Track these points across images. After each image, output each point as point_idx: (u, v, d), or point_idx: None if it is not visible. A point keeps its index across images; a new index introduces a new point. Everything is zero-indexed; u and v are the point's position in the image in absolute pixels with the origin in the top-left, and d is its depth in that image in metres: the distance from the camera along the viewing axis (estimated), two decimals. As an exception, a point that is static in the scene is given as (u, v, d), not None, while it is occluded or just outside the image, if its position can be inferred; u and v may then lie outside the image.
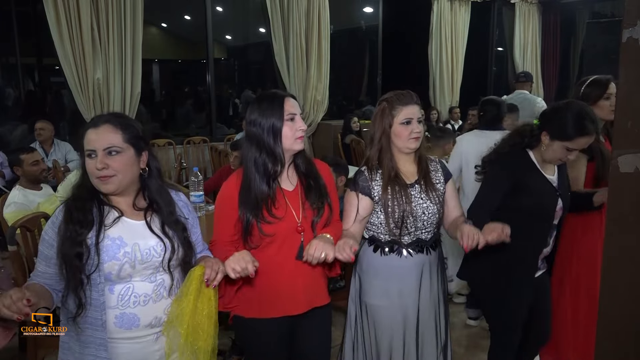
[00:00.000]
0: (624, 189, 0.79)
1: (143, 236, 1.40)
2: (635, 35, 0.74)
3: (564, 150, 1.82)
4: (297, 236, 1.60)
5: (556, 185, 1.90)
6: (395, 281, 1.75)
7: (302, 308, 1.64)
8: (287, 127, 1.55)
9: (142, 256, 1.37)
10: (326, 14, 5.70)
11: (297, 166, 1.65)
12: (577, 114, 1.79)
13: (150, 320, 1.40)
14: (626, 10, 0.75)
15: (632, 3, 0.75)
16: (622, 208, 0.80)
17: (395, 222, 1.70)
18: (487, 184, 1.93)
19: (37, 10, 5.02)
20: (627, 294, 0.82)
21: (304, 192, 1.63)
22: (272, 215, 1.56)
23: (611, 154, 0.79)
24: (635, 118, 0.76)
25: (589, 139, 1.79)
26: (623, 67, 0.76)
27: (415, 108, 1.71)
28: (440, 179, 1.79)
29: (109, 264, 1.33)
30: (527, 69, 7.75)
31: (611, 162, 0.79)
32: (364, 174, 1.75)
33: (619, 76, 0.78)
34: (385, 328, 1.76)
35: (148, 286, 1.40)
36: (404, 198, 1.69)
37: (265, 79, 8.39)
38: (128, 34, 4.51)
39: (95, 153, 1.33)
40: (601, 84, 2.20)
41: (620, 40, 0.76)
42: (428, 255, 1.77)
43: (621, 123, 0.78)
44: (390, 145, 1.73)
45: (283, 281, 1.60)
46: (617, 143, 0.79)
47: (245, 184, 1.57)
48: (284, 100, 1.56)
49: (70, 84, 4.30)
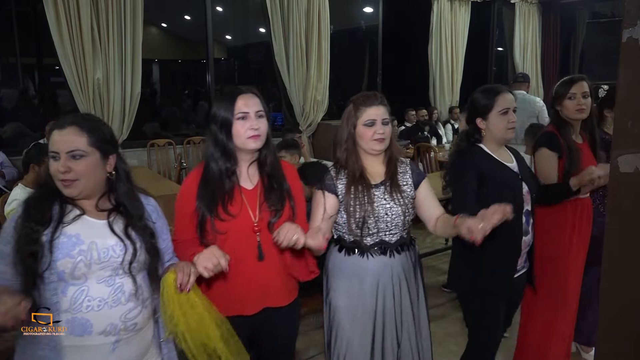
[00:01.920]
0: (624, 189, 0.79)
1: (102, 235, 1.34)
2: (635, 35, 0.74)
3: (499, 118, 1.87)
4: (253, 236, 1.57)
5: (517, 171, 1.93)
6: (355, 282, 1.73)
7: (255, 308, 1.61)
8: (238, 125, 1.53)
9: (99, 255, 1.31)
10: (326, 14, 5.69)
11: (260, 165, 1.62)
12: (482, 89, 1.95)
13: (105, 327, 1.32)
14: (626, 10, 0.75)
15: (632, 3, 0.75)
16: (622, 208, 0.80)
17: (356, 222, 1.69)
18: (459, 180, 1.93)
19: (37, 10, 5.02)
20: (627, 294, 0.82)
21: (264, 192, 1.60)
22: (227, 212, 1.53)
23: (611, 154, 0.79)
24: (635, 118, 0.76)
25: (505, 94, 1.88)
26: (623, 67, 0.76)
27: (379, 109, 1.69)
28: (409, 181, 1.76)
29: (62, 261, 1.28)
30: (527, 69, 7.75)
31: (611, 162, 0.79)
32: (330, 173, 1.75)
33: (618, 76, 0.78)
34: (348, 332, 1.73)
35: (104, 290, 1.33)
36: (366, 198, 1.68)
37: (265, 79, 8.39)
38: (128, 34, 4.50)
39: (58, 155, 1.29)
40: (566, 83, 2.24)
41: (620, 40, 0.76)
42: (391, 258, 1.73)
43: (621, 123, 0.78)
44: (356, 146, 1.73)
45: (238, 280, 1.57)
46: (617, 143, 0.79)
47: (204, 178, 1.56)
48: (237, 97, 1.53)
49: (70, 84, 4.30)
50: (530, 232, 1.96)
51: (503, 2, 7.68)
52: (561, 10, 8.11)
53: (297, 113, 5.75)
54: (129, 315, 1.36)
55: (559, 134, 2.18)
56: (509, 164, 1.93)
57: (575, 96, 2.19)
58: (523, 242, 1.93)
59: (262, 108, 1.57)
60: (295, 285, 1.73)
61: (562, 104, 2.22)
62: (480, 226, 1.45)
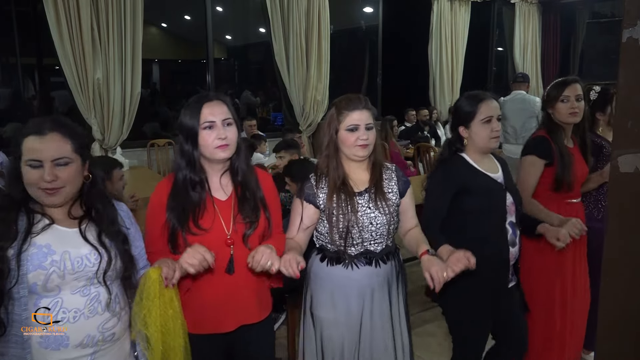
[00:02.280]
0: (624, 189, 0.79)
1: (75, 244, 1.29)
2: (635, 35, 0.74)
3: (482, 127, 1.80)
4: (226, 249, 1.50)
5: (501, 182, 1.87)
6: (340, 294, 1.66)
7: (231, 326, 1.55)
8: (205, 134, 1.45)
9: (72, 265, 1.26)
10: (326, 14, 5.69)
11: (233, 175, 1.55)
12: (466, 95, 1.88)
13: (82, 339, 1.27)
14: (626, 10, 0.75)
15: (632, 3, 0.75)
16: (622, 208, 0.80)
17: (339, 232, 1.61)
18: (433, 193, 1.87)
19: (37, 10, 5.02)
20: (627, 294, 0.82)
21: (238, 204, 1.53)
22: (198, 226, 1.46)
23: (611, 154, 0.79)
24: (635, 118, 0.76)
25: (489, 101, 1.81)
26: (623, 67, 0.76)
27: (363, 114, 1.60)
28: (394, 188, 1.69)
29: (33, 273, 1.21)
30: (527, 69, 7.76)
31: (611, 162, 0.79)
32: (310, 182, 1.67)
33: (618, 76, 0.78)
34: (330, 342, 1.68)
35: (80, 300, 1.27)
36: (350, 207, 1.60)
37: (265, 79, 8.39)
38: (128, 34, 4.50)
39: (40, 163, 1.23)
40: (559, 86, 2.15)
41: (620, 40, 0.76)
42: (377, 268, 1.66)
43: (621, 123, 0.78)
44: (338, 152, 1.65)
45: (211, 297, 1.52)
46: (617, 143, 0.79)
47: (174, 189, 1.49)
48: (202, 105, 1.46)
49: (70, 84, 4.30)
50: (518, 244, 1.90)
51: (503, 2, 7.68)
52: (561, 10, 8.11)
53: (297, 113, 5.76)
54: (107, 325, 1.32)
55: (550, 138, 2.11)
56: (492, 174, 1.86)
57: (569, 99, 2.11)
58: (510, 253, 1.86)
59: (230, 115, 1.49)
60: (269, 300, 1.67)
61: (555, 107, 2.14)
62: (445, 275, 1.43)
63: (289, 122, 5.91)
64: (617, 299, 0.84)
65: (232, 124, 1.49)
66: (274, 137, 5.24)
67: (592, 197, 2.36)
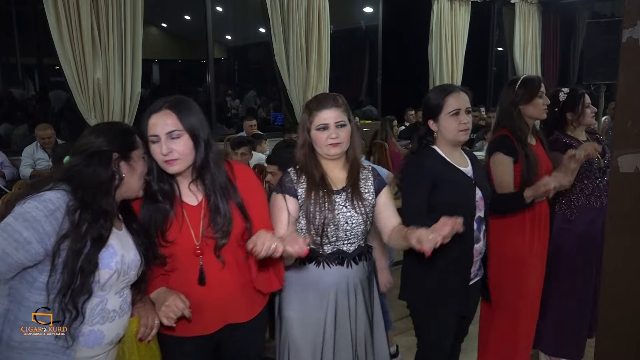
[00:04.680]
0: (624, 189, 0.79)
1: (127, 247, 1.33)
2: (635, 35, 0.74)
3: (450, 120, 1.77)
4: (196, 259, 1.43)
5: (471, 176, 1.83)
6: (311, 294, 1.63)
7: (215, 326, 1.50)
8: (154, 148, 1.38)
9: (127, 268, 1.31)
10: (326, 14, 5.69)
11: (202, 183, 1.46)
12: (433, 89, 1.86)
13: (112, 337, 1.32)
14: (626, 10, 0.75)
15: (632, 3, 0.75)
16: (622, 208, 0.80)
17: (315, 228, 1.59)
18: (408, 187, 1.83)
19: (37, 10, 5.02)
20: (627, 294, 0.82)
21: (209, 213, 1.44)
22: (165, 239, 1.40)
23: (611, 154, 0.79)
24: (635, 118, 0.76)
25: (457, 93, 1.78)
26: (623, 67, 0.76)
27: (332, 112, 1.58)
28: (370, 188, 1.67)
29: (101, 271, 1.25)
30: (527, 69, 7.76)
31: (611, 162, 0.79)
32: (289, 175, 1.65)
33: (618, 76, 0.78)
34: (298, 344, 1.65)
35: (117, 301, 1.32)
36: (327, 204, 1.59)
37: (265, 79, 8.40)
38: (128, 34, 4.50)
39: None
40: (535, 82, 2.13)
41: (620, 40, 0.76)
42: (349, 268, 1.65)
43: (621, 123, 0.78)
44: (314, 151, 1.64)
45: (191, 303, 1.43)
46: (617, 143, 0.79)
47: (144, 199, 1.43)
48: (150, 115, 1.38)
49: (70, 84, 4.30)
50: (482, 240, 1.86)
51: (503, 2, 7.68)
52: (561, 10, 8.11)
53: (297, 113, 5.75)
54: (126, 324, 1.36)
55: (514, 137, 2.06)
56: (463, 167, 1.83)
57: (543, 95, 2.11)
58: (475, 249, 1.82)
59: (180, 127, 1.36)
60: (261, 297, 1.58)
61: (533, 102, 2.09)
62: (431, 237, 1.37)
63: (289, 122, 5.91)
64: (617, 299, 0.84)
65: (180, 136, 1.36)
66: (274, 137, 5.24)
67: (565, 197, 2.29)
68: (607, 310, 0.85)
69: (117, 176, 1.29)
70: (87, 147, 1.28)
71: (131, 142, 1.33)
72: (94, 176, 1.26)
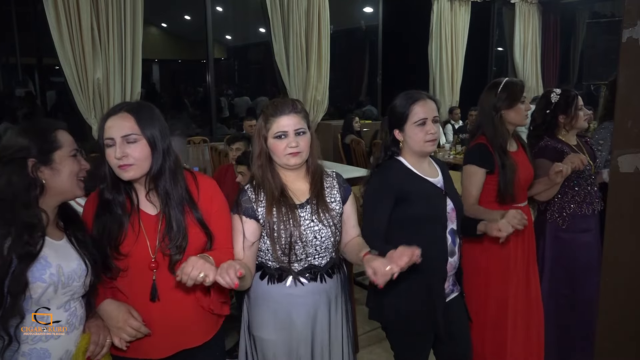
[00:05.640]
0: (624, 189, 0.79)
1: (65, 257, 1.23)
2: (635, 35, 0.74)
3: (416, 130, 1.67)
4: (149, 274, 1.35)
5: (441, 186, 1.74)
6: (284, 313, 1.52)
7: (166, 352, 1.40)
8: (108, 151, 1.29)
9: (65, 280, 1.21)
10: (326, 14, 5.69)
11: (158, 194, 1.36)
12: (399, 96, 1.73)
13: (61, 355, 1.23)
14: (626, 10, 0.75)
15: (632, 3, 0.75)
16: (622, 208, 0.80)
17: (282, 248, 1.47)
18: (371, 202, 1.72)
19: (37, 10, 5.02)
20: (627, 294, 0.82)
21: (165, 226, 1.35)
22: (119, 252, 1.32)
23: (611, 154, 0.79)
24: (635, 118, 0.76)
25: (423, 101, 1.67)
26: (623, 67, 0.77)
27: (292, 118, 1.47)
28: (337, 196, 1.57)
29: (33, 285, 1.15)
30: (527, 68, 7.77)
31: (611, 162, 0.79)
32: (247, 194, 1.51)
33: (618, 76, 0.78)
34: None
35: (62, 315, 1.22)
36: (292, 221, 1.46)
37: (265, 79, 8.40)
38: (128, 34, 4.50)
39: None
40: (517, 86, 2.04)
41: (620, 40, 0.76)
42: (323, 283, 1.54)
43: (621, 123, 0.78)
44: (272, 162, 1.52)
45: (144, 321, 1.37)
46: (617, 143, 0.79)
47: (98, 206, 1.36)
48: (107, 118, 1.31)
49: (70, 84, 4.30)
50: (457, 253, 1.75)
51: (503, 2, 7.69)
52: (561, 10, 8.12)
53: (297, 113, 5.76)
54: (78, 340, 1.27)
55: (492, 145, 1.98)
56: (432, 178, 1.72)
57: (525, 100, 2.01)
58: (449, 264, 1.71)
59: (137, 131, 1.28)
60: (215, 320, 1.50)
61: (516, 108, 2.00)
62: (387, 268, 1.28)
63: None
64: (617, 299, 0.84)
65: (137, 141, 1.29)
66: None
67: (556, 204, 2.21)
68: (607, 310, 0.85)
69: (37, 184, 1.18)
70: (3, 154, 1.18)
71: (49, 142, 1.21)
72: (9, 187, 1.15)
